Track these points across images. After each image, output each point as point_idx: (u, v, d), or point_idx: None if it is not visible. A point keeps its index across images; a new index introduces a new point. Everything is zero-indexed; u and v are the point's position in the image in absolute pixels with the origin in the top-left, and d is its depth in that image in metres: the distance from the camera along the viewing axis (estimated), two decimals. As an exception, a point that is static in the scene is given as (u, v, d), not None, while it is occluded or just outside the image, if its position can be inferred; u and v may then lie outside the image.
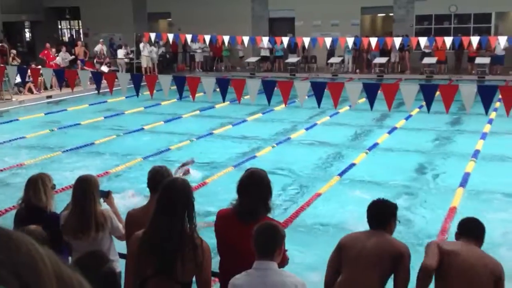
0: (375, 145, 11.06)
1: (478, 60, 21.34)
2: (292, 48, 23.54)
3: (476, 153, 10.09)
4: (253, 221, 3.35)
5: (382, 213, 3.75)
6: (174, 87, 8.60)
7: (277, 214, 7.50)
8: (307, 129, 12.89)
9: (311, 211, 7.53)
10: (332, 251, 3.82)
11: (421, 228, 6.93)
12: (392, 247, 3.61)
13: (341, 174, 8.93)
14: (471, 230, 3.69)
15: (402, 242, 3.73)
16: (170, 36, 19.57)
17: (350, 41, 19.12)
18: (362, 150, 10.67)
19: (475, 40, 17.71)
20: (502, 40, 18.14)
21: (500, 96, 7.04)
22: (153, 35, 19.61)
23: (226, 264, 3.63)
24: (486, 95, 6.70)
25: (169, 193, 3.15)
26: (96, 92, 9.88)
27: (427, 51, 21.89)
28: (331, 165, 9.78)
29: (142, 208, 3.95)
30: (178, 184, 3.20)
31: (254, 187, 3.54)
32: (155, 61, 23.54)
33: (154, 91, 8.73)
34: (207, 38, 18.47)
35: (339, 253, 3.76)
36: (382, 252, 3.60)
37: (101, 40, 23.73)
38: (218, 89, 8.53)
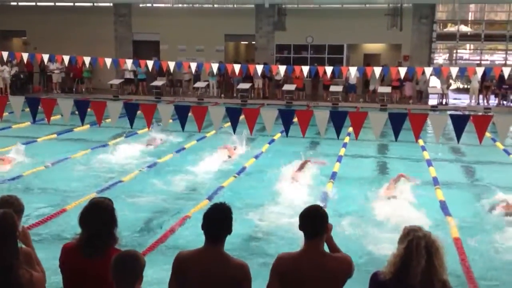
0: (243, 169, 11.26)
1: (332, 88, 23.11)
2: (157, 71, 23.38)
3: (333, 175, 10.71)
4: (97, 255, 3.24)
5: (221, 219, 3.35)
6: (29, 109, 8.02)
7: (147, 238, 7.28)
8: (177, 151, 12.76)
9: (181, 233, 7.42)
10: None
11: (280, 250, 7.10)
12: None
13: (209, 198, 8.93)
14: (309, 229, 3.39)
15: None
16: (25, 56, 18.24)
17: (214, 66, 19.47)
18: (231, 174, 10.78)
19: (329, 69, 18.99)
20: (353, 70, 19.72)
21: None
22: (5, 54, 18.15)
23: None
24: (337, 120, 7.20)
25: None
26: None
27: (279, 78, 23.19)
28: (201, 188, 9.76)
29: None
30: None
31: (95, 218, 3.38)
32: (7, 81, 22.01)
33: (5, 113, 8.09)
34: (66, 58, 17.56)
35: (175, 279, 3.42)
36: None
37: None
38: (77, 112, 8.12)
